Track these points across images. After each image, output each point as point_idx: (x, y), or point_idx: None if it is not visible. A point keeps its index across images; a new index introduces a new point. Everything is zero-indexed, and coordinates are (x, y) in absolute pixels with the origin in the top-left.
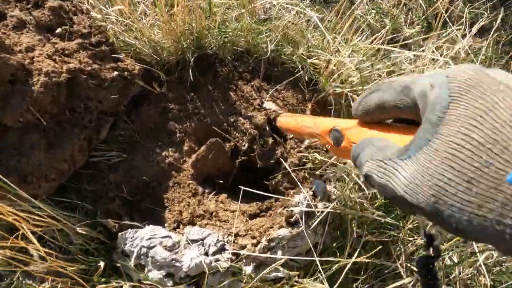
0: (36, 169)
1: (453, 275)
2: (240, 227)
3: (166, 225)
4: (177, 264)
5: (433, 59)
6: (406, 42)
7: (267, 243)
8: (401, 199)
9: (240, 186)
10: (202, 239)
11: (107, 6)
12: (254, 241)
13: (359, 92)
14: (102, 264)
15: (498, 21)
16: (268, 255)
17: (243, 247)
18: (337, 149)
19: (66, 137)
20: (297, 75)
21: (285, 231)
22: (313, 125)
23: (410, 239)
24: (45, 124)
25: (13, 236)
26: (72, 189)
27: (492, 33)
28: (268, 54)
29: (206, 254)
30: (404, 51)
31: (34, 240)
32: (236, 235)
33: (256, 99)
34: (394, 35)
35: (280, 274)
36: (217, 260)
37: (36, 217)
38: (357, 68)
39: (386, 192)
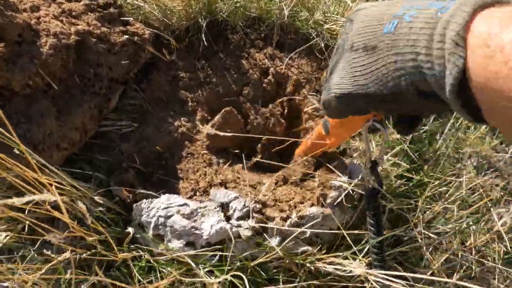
0: (47, 138)
1: (468, 242)
2: (268, 196)
3: (181, 194)
4: (197, 232)
5: None
6: None
7: (297, 220)
8: (339, 97)
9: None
10: (228, 203)
11: None
12: (283, 214)
13: None
14: (131, 230)
15: None
16: (297, 229)
17: (271, 218)
18: (329, 137)
19: (76, 105)
20: (312, 42)
21: (317, 210)
22: (312, 134)
23: (428, 206)
24: (55, 91)
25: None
26: (83, 159)
27: None
28: (284, 19)
29: (228, 219)
30: None
31: (62, 206)
32: (264, 204)
33: (270, 67)
34: None
35: (305, 248)
36: (239, 226)
37: (57, 185)
38: None
39: (331, 101)
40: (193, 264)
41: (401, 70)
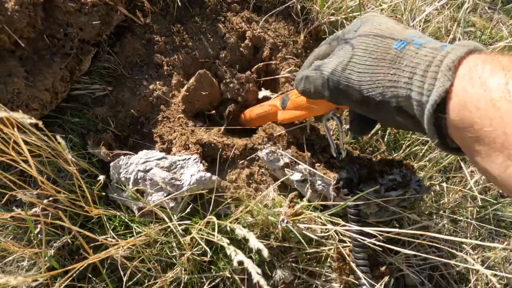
0: (15, 97)
1: (442, 201)
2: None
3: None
4: (177, 182)
5: None
6: None
7: None
8: (327, 79)
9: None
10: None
11: None
12: None
13: (352, 20)
14: (101, 177)
15: None
16: None
17: None
18: (283, 112)
19: (46, 66)
20: (288, 3)
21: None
22: (267, 104)
23: None
24: (23, 51)
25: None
26: (55, 123)
27: None
28: None
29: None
30: None
31: (30, 160)
32: None
33: (247, 31)
34: None
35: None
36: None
37: (26, 139)
38: None
39: (316, 79)
40: (167, 220)
41: (394, 82)
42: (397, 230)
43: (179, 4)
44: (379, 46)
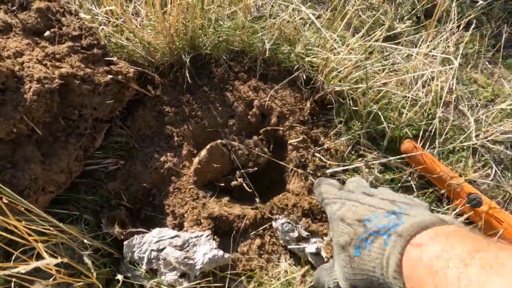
0: (32, 183)
1: None
2: None
3: (170, 228)
4: (190, 261)
5: (426, 54)
6: (398, 38)
7: None
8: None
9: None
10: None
11: (94, 6)
12: None
13: (359, 90)
14: (120, 277)
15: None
16: None
17: None
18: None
19: (61, 147)
20: (295, 74)
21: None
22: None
23: None
24: (39, 135)
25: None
26: (68, 200)
27: (475, 26)
28: (266, 53)
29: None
30: (400, 47)
31: (46, 255)
32: None
33: (254, 99)
34: (389, 33)
35: None
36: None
37: (42, 230)
38: (357, 66)
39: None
40: None
41: (367, 280)
42: None
43: (188, 75)
44: (350, 258)
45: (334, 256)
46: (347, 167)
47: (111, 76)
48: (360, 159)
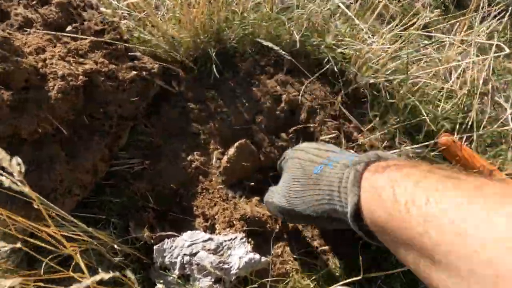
0: (59, 185)
1: None
2: None
3: (201, 231)
4: (225, 266)
5: (462, 41)
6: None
7: None
8: (278, 208)
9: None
10: None
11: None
12: None
13: (395, 82)
14: (160, 286)
15: None
16: None
17: None
18: None
19: (86, 146)
20: (327, 66)
21: None
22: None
23: None
24: (63, 134)
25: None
26: (94, 203)
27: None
28: (296, 45)
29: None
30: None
31: (85, 270)
32: None
33: (282, 94)
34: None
35: None
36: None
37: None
38: (393, 57)
39: (271, 208)
40: None
41: (320, 200)
42: None
43: (216, 72)
44: (302, 175)
45: (283, 177)
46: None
47: (135, 72)
48: (396, 151)
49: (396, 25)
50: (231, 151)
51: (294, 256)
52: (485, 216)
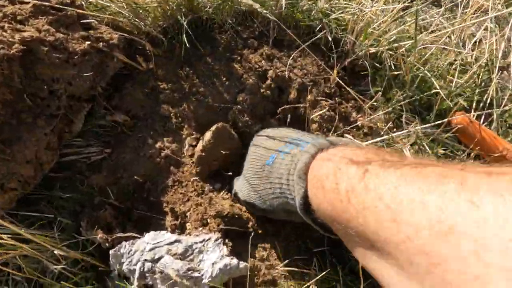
0: None
1: None
2: None
3: (169, 231)
4: (195, 274)
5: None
6: None
7: None
8: (243, 200)
9: None
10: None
11: None
12: None
13: (400, 50)
14: None
15: None
16: None
17: None
18: None
19: (27, 131)
20: (319, 35)
21: None
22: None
23: None
24: None
25: None
26: (41, 199)
27: None
28: (282, 9)
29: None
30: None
31: None
32: None
33: (268, 70)
34: None
35: None
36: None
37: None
38: (397, 20)
39: (237, 198)
40: None
41: (272, 194)
42: None
43: (187, 44)
44: (257, 167)
45: (244, 167)
46: (384, 137)
47: (89, 43)
48: (403, 132)
49: None
50: (207, 136)
51: (284, 260)
52: (420, 198)
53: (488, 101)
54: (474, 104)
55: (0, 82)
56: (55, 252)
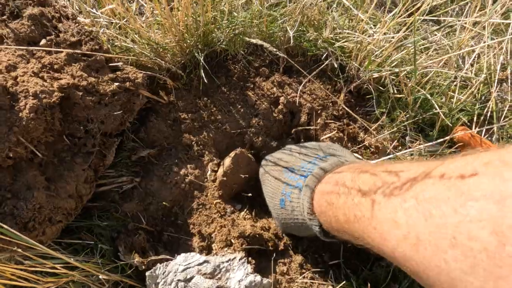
0: (37, 213)
1: None
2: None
3: (197, 252)
4: None
5: (475, 23)
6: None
7: None
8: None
9: None
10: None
11: (95, 9)
12: None
13: (401, 74)
14: None
15: None
16: None
17: None
18: None
19: (68, 169)
20: (326, 62)
21: None
22: None
23: None
24: (42, 157)
25: None
26: (81, 227)
27: None
28: (290, 41)
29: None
30: (448, 19)
31: None
32: None
33: (280, 96)
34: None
35: None
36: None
37: (47, 270)
38: (398, 47)
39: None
40: None
41: (297, 224)
42: None
43: (204, 77)
44: (275, 206)
45: (263, 189)
46: (390, 156)
47: (117, 84)
48: (408, 150)
49: (399, 12)
50: (227, 162)
51: (302, 271)
52: (411, 205)
53: (489, 114)
54: (475, 118)
55: (45, 128)
56: (100, 277)
